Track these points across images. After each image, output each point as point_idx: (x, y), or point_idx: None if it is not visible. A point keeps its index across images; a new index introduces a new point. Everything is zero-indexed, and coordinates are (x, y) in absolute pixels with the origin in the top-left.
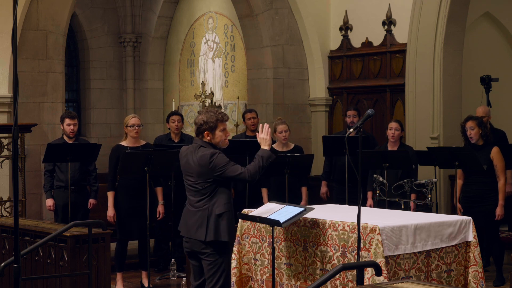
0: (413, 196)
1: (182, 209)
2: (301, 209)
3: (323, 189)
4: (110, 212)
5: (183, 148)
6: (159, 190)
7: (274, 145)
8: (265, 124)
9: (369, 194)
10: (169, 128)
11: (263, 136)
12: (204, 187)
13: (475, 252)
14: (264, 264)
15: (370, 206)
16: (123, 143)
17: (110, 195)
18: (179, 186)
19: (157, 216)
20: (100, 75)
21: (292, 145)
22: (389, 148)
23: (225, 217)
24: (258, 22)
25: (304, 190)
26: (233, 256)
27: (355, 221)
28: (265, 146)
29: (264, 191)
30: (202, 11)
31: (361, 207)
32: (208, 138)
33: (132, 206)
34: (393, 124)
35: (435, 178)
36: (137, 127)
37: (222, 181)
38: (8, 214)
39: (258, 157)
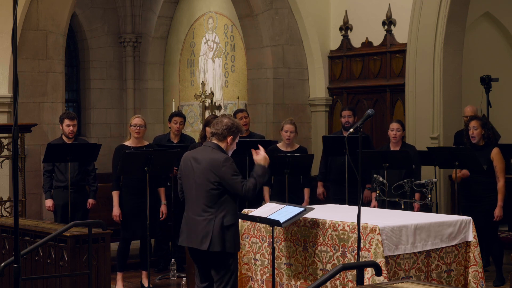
0: (417, 196)
1: (183, 209)
2: (301, 209)
3: (319, 190)
4: (116, 211)
5: (188, 152)
6: (161, 191)
7: (278, 144)
8: (260, 148)
9: (373, 195)
10: (169, 127)
11: (256, 158)
12: (212, 194)
13: (475, 252)
14: (264, 264)
15: (375, 207)
16: (127, 143)
17: (115, 195)
18: None
19: (160, 216)
20: (100, 75)
21: (297, 146)
22: (392, 148)
23: (233, 229)
24: (258, 22)
25: (306, 191)
26: None
27: (355, 221)
28: (260, 163)
29: (266, 190)
30: (202, 11)
31: (361, 207)
32: (228, 143)
33: (136, 205)
34: (394, 125)
35: (435, 178)
36: (138, 127)
37: (228, 190)
38: (8, 214)
39: (254, 173)
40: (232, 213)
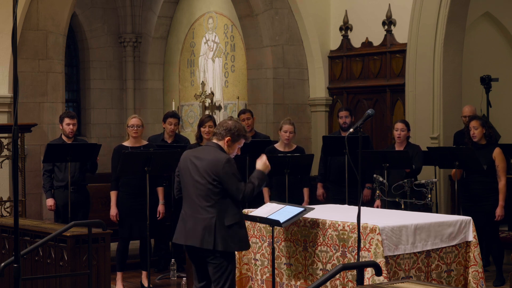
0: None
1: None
2: (301, 209)
3: (319, 191)
4: (113, 211)
5: (188, 151)
6: (160, 190)
7: (276, 145)
8: (263, 156)
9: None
10: (163, 128)
11: (258, 163)
12: (213, 192)
13: (475, 252)
14: (264, 264)
15: (378, 207)
16: (125, 143)
17: (113, 194)
18: None
19: (157, 215)
20: (100, 75)
21: (294, 146)
22: (397, 148)
23: (235, 228)
24: (258, 22)
25: (306, 191)
26: None
27: (355, 221)
28: (260, 169)
29: (266, 191)
30: (202, 11)
31: (361, 207)
32: (226, 144)
33: (134, 205)
34: (398, 125)
35: (435, 178)
36: (136, 128)
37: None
38: (8, 214)
39: (252, 178)
40: (235, 212)
